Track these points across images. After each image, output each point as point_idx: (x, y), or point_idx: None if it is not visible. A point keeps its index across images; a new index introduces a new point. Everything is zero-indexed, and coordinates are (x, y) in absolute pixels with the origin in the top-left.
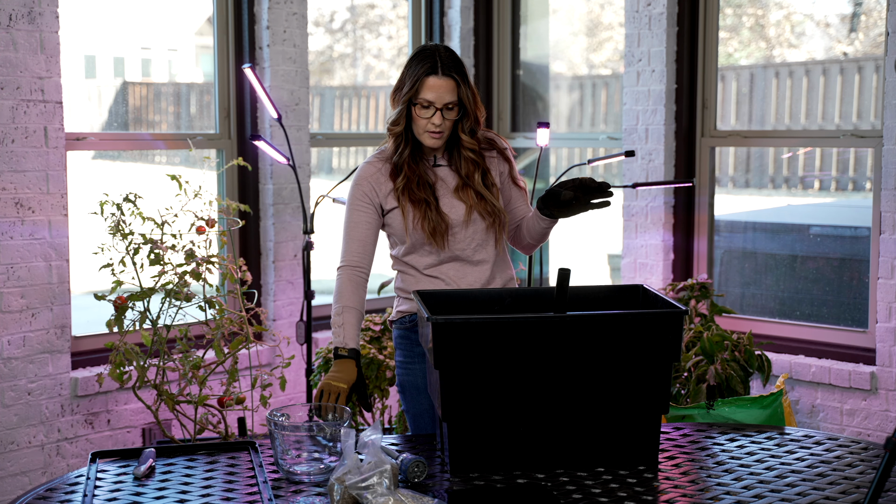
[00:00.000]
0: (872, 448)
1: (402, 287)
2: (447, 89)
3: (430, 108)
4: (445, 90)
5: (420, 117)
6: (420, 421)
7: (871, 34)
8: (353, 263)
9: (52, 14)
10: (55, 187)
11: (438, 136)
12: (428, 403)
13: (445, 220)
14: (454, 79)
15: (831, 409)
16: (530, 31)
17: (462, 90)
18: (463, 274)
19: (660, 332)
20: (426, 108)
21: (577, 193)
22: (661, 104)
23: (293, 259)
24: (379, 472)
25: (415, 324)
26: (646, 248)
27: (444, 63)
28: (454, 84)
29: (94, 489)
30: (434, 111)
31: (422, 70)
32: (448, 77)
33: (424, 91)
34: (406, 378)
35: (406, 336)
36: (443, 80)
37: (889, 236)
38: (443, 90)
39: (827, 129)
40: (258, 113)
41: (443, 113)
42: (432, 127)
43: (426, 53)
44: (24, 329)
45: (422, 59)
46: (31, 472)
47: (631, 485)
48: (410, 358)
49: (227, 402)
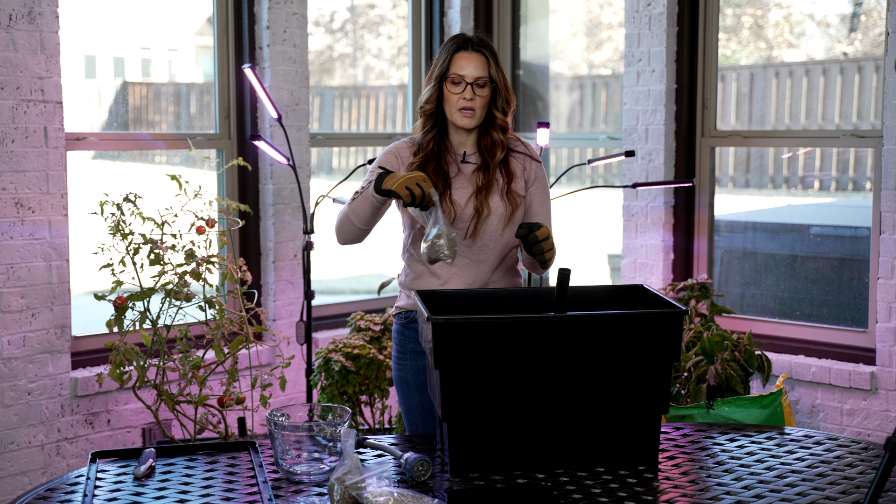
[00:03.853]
0: (872, 448)
1: (405, 282)
2: (477, 64)
3: (461, 84)
4: (476, 65)
5: (452, 93)
6: (411, 416)
7: (871, 34)
8: None
9: (52, 14)
10: (55, 187)
11: (471, 114)
12: (418, 400)
13: (450, 210)
14: (484, 55)
15: (831, 409)
16: (530, 31)
17: (493, 67)
18: (464, 272)
19: (660, 332)
20: (457, 84)
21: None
22: (661, 104)
23: (293, 259)
24: (379, 473)
25: (410, 320)
26: (646, 248)
27: (475, 41)
28: (484, 60)
29: (94, 489)
30: (465, 86)
31: (453, 46)
32: (478, 52)
33: (455, 66)
34: (398, 374)
35: (401, 332)
36: (472, 54)
37: (889, 236)
38: (473, 65)
39: (827, 129)
40: (258, 113)
41: (473, 88)
42: (464, 102)
43: (458, 35)
44: (24, 329)
45: (453, 39)
46: (31, 472)
47: (631, 485)
48: (403, 354)
49: (227, 402)
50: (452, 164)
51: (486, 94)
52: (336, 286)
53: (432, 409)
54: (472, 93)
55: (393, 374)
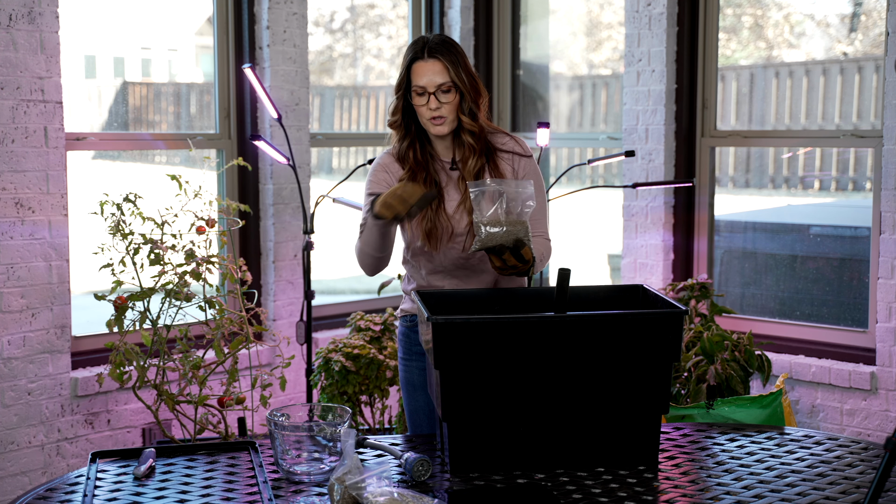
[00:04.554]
0: (872, 448)
1: (408, 289)
2: (435, 71)
3: (424, 95)
4: (434, 72)
5: (419, 106)
6: (415, 418)
7: (871, 34)
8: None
9: (52, 14)
10: (55, 187)
11: (442, 121)
12: (424, 401)
13: (444, 223)
14: (441, 60)
15: (831, 409)
16: (530, 31)
17: (452, 71)
18: (466, 284)
19: (660, 332)
20: (421, 96)
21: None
22: (661, 104)
23: (293, 259)
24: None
25: (415, 323)
26: (646, 248)
27: (430, 46)
28: (442, 66)
29: (94, 489)
30: (428, 96)
31: (409, 57)
32: (434, 59)
33: (414, 77)
34: (404, 375)
35: (407, 335)
36: (429, 62)
37: (889, 236)
38: (431, 73)
39: (827, 129)
40: (258, 113)
41: (437, 96)
42: (430, 113)
43: (415, 41)
44: (24, 329)
45: (411, 47)
46: (31, 472)
47: (631, 485)
48: (409, 356)
49: (227, 402)
50: (441, 173)
51: (452, 99)
52: (336, 286)
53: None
54: (436, 101)
55: (400, 377)
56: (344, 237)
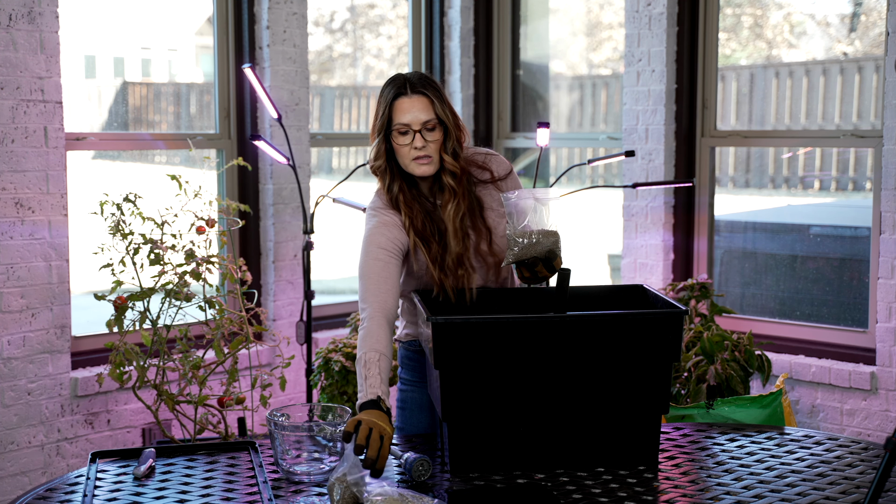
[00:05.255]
0: (872, 448)
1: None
2: (420, 108)
3: (408, 134)
4: (419, 109)
5: (401, 146)
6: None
7: (871, 34)
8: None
9: (51, 14)
10: (55, 187)
11: (427, 161)
12: (429, 422)
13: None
14: (426, 95)
15: (831, 409)
16: (530, 31)
17: (438, 107)
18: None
19: (660, 332)
20: (405, 135)
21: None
22: (661, 104)
23: (293, 259)
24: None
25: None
26: (646, 248)
27: (413, 82)
28: (427, 101)
29: (94, 489)
30: (413, 135)
31: (391, 94)
32: (419, 94)
33: (397, 115)
34: (410, 395)
35: (412, 357)
36: (414, 98)
37: (889, 236)
38: (415, 109)
39: (827, 129)
40: (258, 113)
41: (423, 134)
42: (415, 153)
43: (393, 79)
44: (23, 329)
45: (389, 84)
46: (31, 472)
47: (631, 485)
48: (419, 377)
49: (227, 403)
50: (434, 212)
51: (438, 138)
52: (336, 286)
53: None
54: (422, 139)
55: (399, 395)
56: (344, 237)
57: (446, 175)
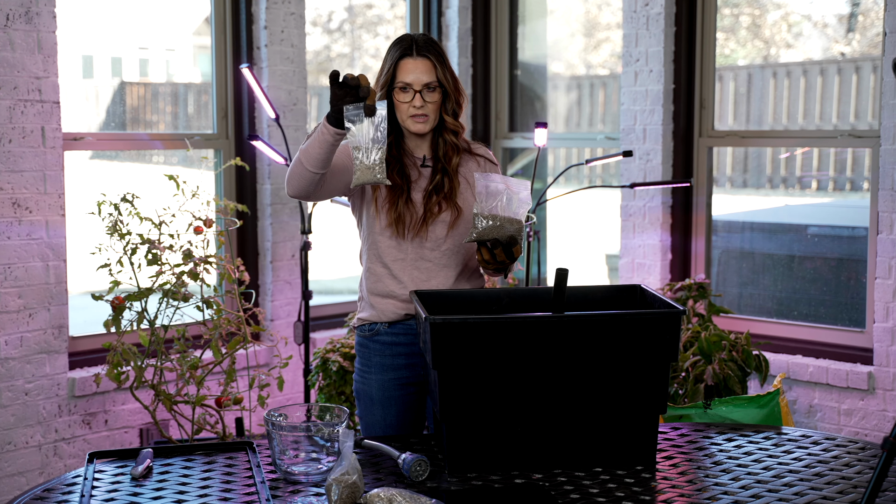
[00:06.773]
0: (870, 448)
1: (363, 291)
2: (424, 70)
3: (409, 91)
4: (422, 71)
5: (401, 102)
6: (372, 431)
7: (869, 34)
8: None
9: (49, 14)
10: (52, 187)
11: (424, 119)
12: (381, 415)
13: (411, 210)
14: (430, 59)
15: (829, 409)
16: (528, 31)
17: (439, 71)
18: (427, 277)
19: (658, 332)
20: (405, 92)
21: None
22: (658, 104)
23: (291, 259)
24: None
25: (375, 332)
26: (643, 248)
27: (419, 45)
28: (431, 64)
29: (92, 489)
30: (413, 94)
31: (397, 53)
32: (423, 57)
33: (401, 73)
34: (361, 387)
35: (364, 344)
36: (418, 60)
37: (886, 236)
38: (419, 71)
39: (824, 129)
40: (256, 113)
41: (423, 95)
42: (413, 110)
43: (401, 39)
44: (21, 329)
45: (397, 44)
46: (29, 472)
47: (629, 485)
48: (367, 367)
49: (224, 403)
50: (413, 168)
51: (436, 99)
52: (334, 286)
53: (395, 425)
54: (421, 99)
55: (355, 389)
56: (342, 237)
57: (448, 133)
